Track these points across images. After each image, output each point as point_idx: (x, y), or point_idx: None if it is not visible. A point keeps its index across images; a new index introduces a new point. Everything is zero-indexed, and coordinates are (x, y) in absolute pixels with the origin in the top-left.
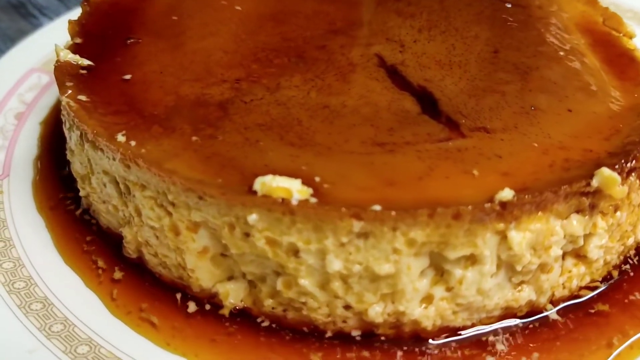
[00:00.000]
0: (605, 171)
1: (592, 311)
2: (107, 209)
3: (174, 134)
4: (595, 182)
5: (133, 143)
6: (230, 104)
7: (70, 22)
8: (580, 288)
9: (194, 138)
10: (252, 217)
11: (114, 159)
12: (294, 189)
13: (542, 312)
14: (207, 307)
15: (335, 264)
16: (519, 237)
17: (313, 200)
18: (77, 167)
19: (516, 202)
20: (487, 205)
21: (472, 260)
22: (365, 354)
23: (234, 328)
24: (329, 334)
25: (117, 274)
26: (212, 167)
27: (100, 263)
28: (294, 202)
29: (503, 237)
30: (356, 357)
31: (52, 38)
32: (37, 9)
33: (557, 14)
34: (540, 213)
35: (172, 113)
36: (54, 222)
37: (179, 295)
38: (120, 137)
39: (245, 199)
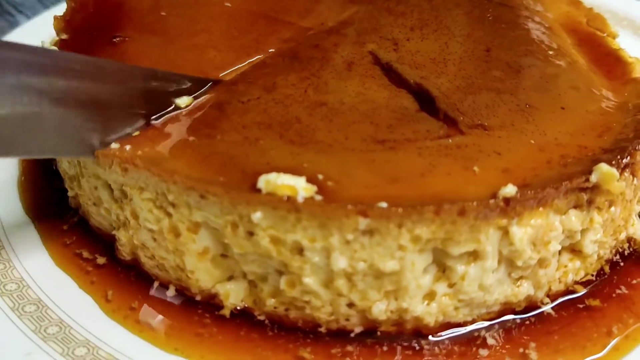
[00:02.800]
0: (604, 167)
1: (582, 306)
2: (98, 211)
3: (170, 136)
4: (594, 178)
5: (128, 147)
6: (227, 104)
7: (55, 17)
8: (575, 282)
9: (191, 138)
10: (257, 215)
11: (109, 166)
12: (299, 187)
13: (539, 307)
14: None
15: (341, 262)
16: (521, 232)
17: (318, 197)
18: (65, 166)
19: (519, 198)
20: (492, 201)
21: (474, 256)
22: (366, 350)
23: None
24: (324, 331)
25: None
26: (212, 166)
27: (91, 264)
28: (300, 199)
29: (505, 232)
30: (356, 353)
31: (32, 36)
32: (12, 6)
33: (542, 14)
34: (541, 209)
35: (167, 114)
36: (42, 223)
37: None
38: (114, 145)
39: (250, 196)
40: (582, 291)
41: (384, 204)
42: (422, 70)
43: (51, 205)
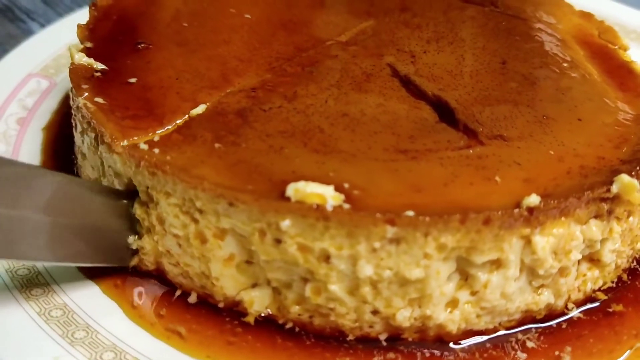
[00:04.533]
0: (625, 178)
1: (610, 310)
2: None
3: (195, 142)
4: (615, 188)
5: (156, 150)
6: (249, 112)
7: (79, 26)
8: (594, 291)
9: (217, 145)
10: (286, 223)
11: (137, 167)
12: (328, 195)
13: (559, 315)
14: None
15: (367, 270)
16: (543, 241)
17: (346, 206)
18: (89, 171)
19: (542, 207)
20: (516, 210)
21: (497, 264)
22: (390, 356)
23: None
24: (351, 338)
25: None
26: (239, 173)
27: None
28: (329, 208)
29: (527, 241)
30: None
31: (47, 43)
32: (24, 13)
33: (555, 26)
34: (563, 218)
35: (191, 120)
36: None
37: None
38: (143, 145)
39: (279, 205)
40: (603, 298)
41: (411, 213)
42: (440, 83)
43: None
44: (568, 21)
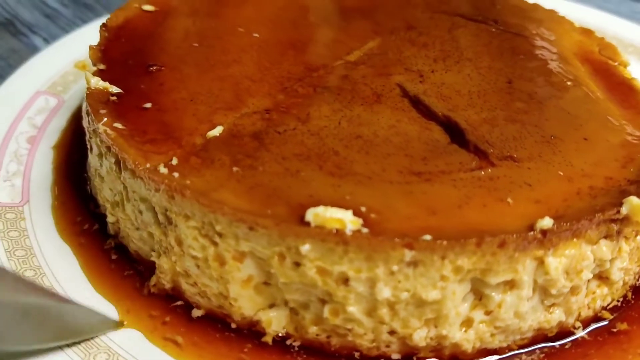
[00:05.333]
0: (634, 200)
1: (615, 330)
2: (140, 235)
3: (213, 165)
4: (624, 210)
5: (176, 174)
6: (264, 135)
7: (91, 47)
8: (603, 308)
9: (235, 169)
10: (305, 248)
11: (156, 190)
12: (347, 220)
13: (570, 332)
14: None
15: (385, 292)
16: (556, 262)
17: (364, 230)
18: (107, 193)
19: (555, 229)
20: (531, 233)
21: (511, 284)
22: None
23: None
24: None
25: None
26: (257, 197)
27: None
28: (348, 232)
29: (540, 262)
30: None
31: (54, 60)
32: (26, 27)
33: (556, 43)
34: (575, 239)
35: (208, 143)
36: (80, 250)
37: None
38: (163, 169)
39: (299, 230)
40: (610, 317)
41: (428, 237)
42: (449, 103)
43: (88, 232)
44: (569, 38)
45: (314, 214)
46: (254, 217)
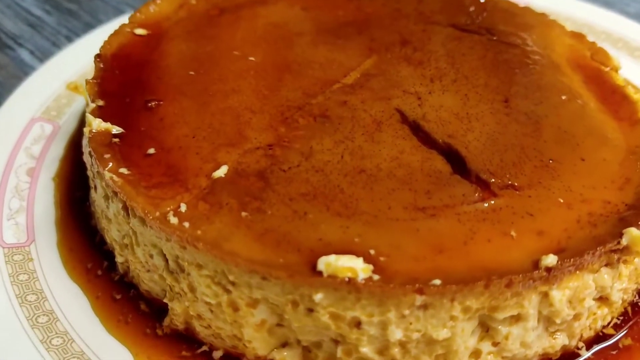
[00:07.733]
0: (634, 231)
1: (620, 346)
2: (151, 277)
3: (222, 210)
4: (625, 241)
5: (187, 224)
6: (269, 173)
7: (87, 82)
8: (603, 327)
9: (244, 214)
10: (318, 296)
11: (167, 240)
12: (359, 268)
13: (573, 354)
14: None
15: (397, 334)
16: (560, 295)
17: (375, 277)
18: (115, 234)
19: (560, 266)
20: (536, 272)
21: (517, 318)
22: None
23: None
24: None
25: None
26: (269, 244)
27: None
28: (360, 280)
29: (544, 295)
30: None
31: (46, 82)
32: (11, 39)
33: (549, 50)
34: (578, 272)
35: (214, 185)
36: (91, 289)
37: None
38: (173, 219)
39: (312, 280)
40: (614, 334)
41: (437, 281)
42: (448, 128)
43: (97, 271)
44: (561, 43)
45: (325, 263)
46: (267, 269)
